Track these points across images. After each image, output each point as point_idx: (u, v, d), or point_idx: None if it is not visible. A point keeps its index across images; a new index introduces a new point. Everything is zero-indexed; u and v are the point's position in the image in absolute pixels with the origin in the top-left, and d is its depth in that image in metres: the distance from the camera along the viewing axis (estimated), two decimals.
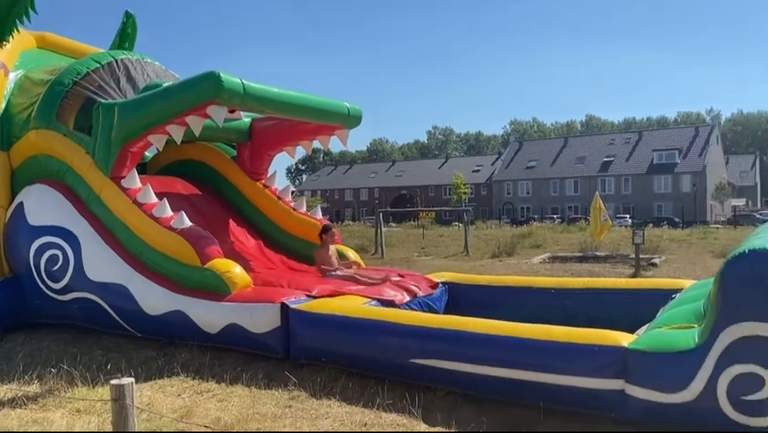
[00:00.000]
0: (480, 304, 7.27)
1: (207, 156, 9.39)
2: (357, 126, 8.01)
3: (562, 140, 77.03)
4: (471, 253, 21.11)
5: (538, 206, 66.31)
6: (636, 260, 14.52)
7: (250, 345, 6.23)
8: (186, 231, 6.86)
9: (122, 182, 7.21)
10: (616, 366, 4.31)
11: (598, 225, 18.46)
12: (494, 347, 4.80)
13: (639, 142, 67.75)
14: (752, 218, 43.71)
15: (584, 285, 7.16)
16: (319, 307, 6.00)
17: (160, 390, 5.44)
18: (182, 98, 6.65)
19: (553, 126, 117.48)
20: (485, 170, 75.97)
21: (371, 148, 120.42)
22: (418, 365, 5.13)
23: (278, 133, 8.63)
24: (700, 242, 22.19)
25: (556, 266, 15.98)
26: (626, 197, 63.24)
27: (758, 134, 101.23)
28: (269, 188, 9.12)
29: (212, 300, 6.43)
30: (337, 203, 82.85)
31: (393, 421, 4.53)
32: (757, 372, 3.77)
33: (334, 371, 5.62)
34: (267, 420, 4.60)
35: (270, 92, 6.71)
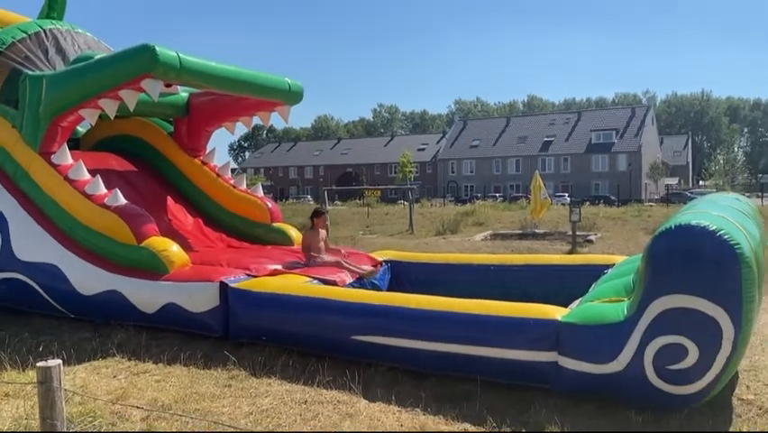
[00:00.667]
0: (422, 281, 7.35)
1: (143, 132, 9.10)
2: (298, 103, 7.90)
3: (504, 120, 78.17)
4: (416, 230, 21.27)
5: (481, 184, 67.28)
6: (573, 237, 14.93)
7: (188, 325, 6.14)
8: (120, 208, 6.66)
9: (52, 158, 6.94)
10: (549, 339, 4.43)
11: (537, 203, 18.86)
12: (432, 323, 4.87)
13: (578, 122, 69.38)
14: (683, 196, 45.47)
15: (522, 261, 7.33)
16: (259, 286, 5.94)
17: (95, 371, 5.30)
18: (115, 71, 6.42)
19: (497, 106, 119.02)
20: (430, 149, 76.42)
21: (316, 125, 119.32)
22: (359, 342, 5.16)
23: (216, 108, 8.44)
24: (634, 219, 22.97)
25: (497, 243, 16.28)
26: (566, 175, 64.86)
27: (691, 116, 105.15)
28: (208, 165, 8.93)
29: (149, 280, 6.30)
30: (281, 181, 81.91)
31: (333, 398, 4.55)
32: (682, 342, 3.94)
33: (275, 349, 5.59)
34: (205, 400, 4.55)
35: (208, 66, 6.54)
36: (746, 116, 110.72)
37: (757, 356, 5.44)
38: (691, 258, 3.83)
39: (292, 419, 4.20)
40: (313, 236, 7.36)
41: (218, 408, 4.42)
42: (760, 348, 5.69)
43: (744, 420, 4.07)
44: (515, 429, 3.94)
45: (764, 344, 5.85)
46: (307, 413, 4.29)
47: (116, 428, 4.02)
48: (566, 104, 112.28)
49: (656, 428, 3.92)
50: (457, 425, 4.06)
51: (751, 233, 4.15)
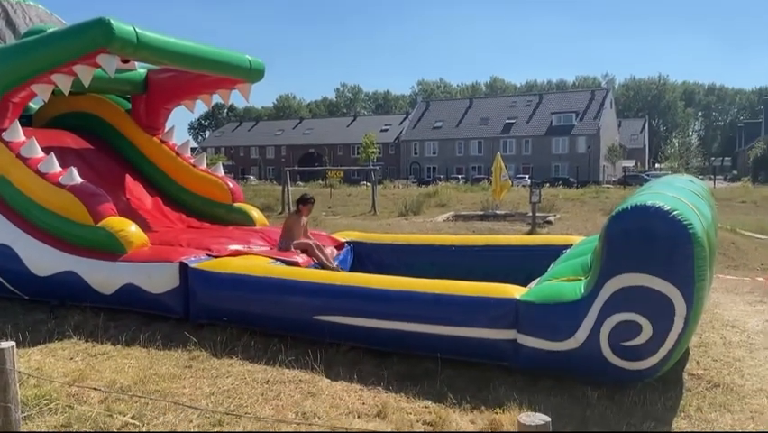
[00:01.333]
0: (384, 262, 7.39)
1: (100, 109, 8.85)
2: (259, 81, 7.78)
3: (467, 101, 78.37)
4: (379, 211, 21.31)
5: (444, 165, 67.55)
6: (533, 218, 15.15)
7: (147, 306, 6.05)
8: (76, 188, 6.49)
9: (3, 135, 6.72)
10: (509, 317, 4.51)
11: (498, 184, 19.07)
12: (394, 303, 4.90)
13: (540, 104, 70.04)
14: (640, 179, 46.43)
15: (483, 242, 7.42)
16: (220, 266, 5.88)
17: (51, 354, 5.20)
18: (69, 46, 6.21)
19: (460, 87, 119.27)
20: (393, 130, 76.26)
21: (278, 105, 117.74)
22: (321, 322, 5.17)
23: (175, 85, 8.25)
24: (593, 200, 23.41)
25: (459, 224, 16.43)
26: (527, 157, 65.58)
27: (648, 99, 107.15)
28: (167, 144, 8.75)
29: (106, 260, 6.17)
30: (242, 161, 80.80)
31: (295, 377, 4.55)
32: (636, 319, 4.05)
33: (236, 330, 5.56)
34: (165, 381, 4.51)
35: (166, 42, 6.38)
36: (701, 101, 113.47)
37: (707, 333, 5.65)
38: (646, 238, 3.93)
39: (254, 398, 4.20)
40: (295, 221, 7.32)
41: (178, 388, 4.38)
42: (710, 325, 5.90)
43: (693, 394, 4.23)
44: (474, 406, 4.01)
45: (714, 321, 6.07)
46: (269, 393, 4.30)
47: (74, 411, 3.95)
48: (528, 86, 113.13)
49: (611, 403, 4.04)
50: (418, 402, 4.12)
51: (704, 213, 4.28)
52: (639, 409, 3.95)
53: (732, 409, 4.01)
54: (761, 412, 3.95)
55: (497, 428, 3.67)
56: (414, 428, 3.77)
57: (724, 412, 3.96)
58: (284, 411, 3.98)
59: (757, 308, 6.70)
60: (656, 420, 3.82)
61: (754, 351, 5.17)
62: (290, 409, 4.02)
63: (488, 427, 3.70)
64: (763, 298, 7.27)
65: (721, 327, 5.87)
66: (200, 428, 3.69)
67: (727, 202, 23.17)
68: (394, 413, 3.93)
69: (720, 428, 3.75)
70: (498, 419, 3.75)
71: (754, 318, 6.23)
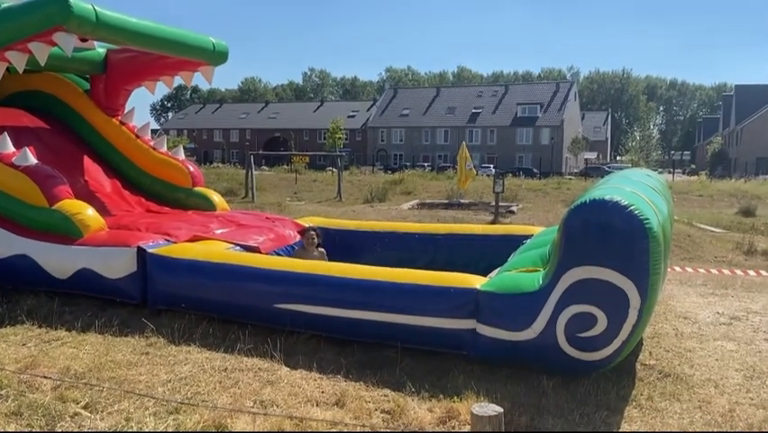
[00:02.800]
0: (348, 249, 7.36)
1: (57, 88, 8.59)
2: (223, 63, 7.63)
3: (434, 90, 78.57)
4: (344, 198, 21.27)
5: (410, 153, 67.73)
6: (496, 207, 15.31)
7: (104, 292, 5.93)
8: (30, 169, 6.31)
9: None
10: (468, 307, 4.55)
11: (463, 173, 19.20)
12: (354, 291, 4.90)
13: (505, 95, 70.63)
14: (601, 170, 47.34)
15: (446, 231, 7.46)
16: (179, 252, 5.79)
17: (2, 339, 5.06)
18: (24, 22, 5.99)
19: (427, 76, 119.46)
20: (360, 116, 76.03)
21: (243, 87, 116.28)
22: (281, 310, 5.14)
23: (136, 66, 8.04)
24: (555, 191, 23.78)
25: (424, 212, 16.51)
26: (491, 147, 66.18)
27: (611, 93, 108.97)
28: (127, 126, 8.55)
29: (61, 244, 6.02)
30: (206, 144, 79.62)
31: (254, 365, 4.52)
32: (591, 311, 4.12)
33: (195, 317, 5.49)
34: (121, 368, 4.43)
35: (127, 21, 6.21)
36: (663, 95, 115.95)
37: (660, 324, 5.80)
38: (603, 231, 3.99)
39: (211, 386, 4.15)
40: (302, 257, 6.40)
41: (135, 376, 4.31)
42: (663, 316, 6.06)
43: (645, 384, 4.34)
44: (432, 394, 4.05)
45: (667, 313, 6.23)
46: (227, 380, 4.26)
47: (25, 398, 3.86)
48: (494, 76, 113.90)
49: (565, 392, 4.12)
50: (377, 391, 4.13)
51: (660, 208, 4.37)
52: (593, 399, 4.04)
53: (681, 398, 4.13)
54: (708, 402, 4.08)
55: (454, 417, 3.70)
56: (372, 416, 3.78)
57: (673, 402, 4.07)
58: (242, 399, 3.95)
59: (709, 300, 6.90)
60: (609, 409, 3.90)
61: (704, 342, 5.32)
62: (248, 397, 3.99)
63: (445, 415, 3.74)
64: (715, 290, 7.49)
65: (674, 319, 6.03)
66: (156, 417, 3.64)
67: (685, 195, 23.80)
68: (353, 402, 3.93)
69: (670, 416, 3.86)
70: (455, 408, 3.78)
71: (705, 310, 6.41)
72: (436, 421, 3.71)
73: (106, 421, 3.61)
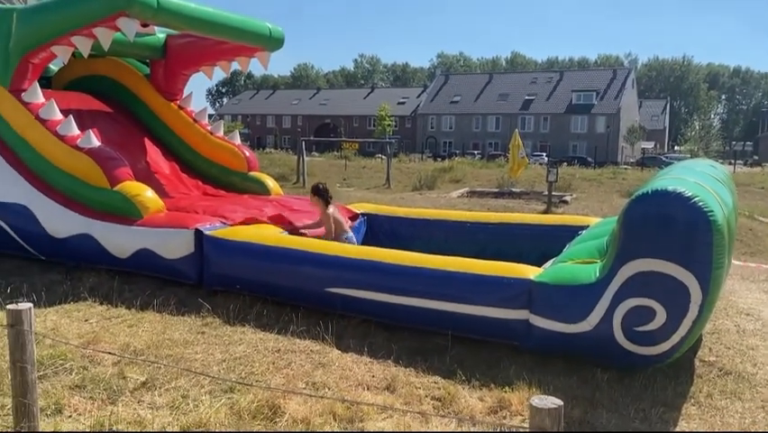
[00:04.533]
0: (397, 236, 7.38)
1: (118, 73, 8.84)
2: (279, 49, 7.72)
3: (487, 76, 77.53)
4: (393, 185, 21.27)
5: (460, 141, 67.12)
6: (549, 197, 15.05)
7: (162, 271, 6.10)
8: (93, 151, 6.51)
9: (22, 96, 6.73)
10: (522, 298, 4.49)
11: (515, 161, 18.91)
12: (407, 278, 4.89)
13: (560, 82, 69.15)
14: (658, 161, 45.95)
15: (498, 220, 7.36)
16: (234, 234, 5.90)
17: (66, 315, 5.27)
18: (89, 8, 6.17)
19: (480, 62, 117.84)
20: (410, 103, 75.72)
21: (296, 74, 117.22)
22: (333, 294, 5.18)
23: (194, 51, 8.21)
24: (610, 181, 23.20)
25: (473, 201, 16.36)
26: (544, 135, 65.01)
27: (670, 81, 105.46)
28: (185, 110, 8.74)
29: (122, 224, 6.21)
30: (259, 129, 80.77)
31: (306, 347, 4.59)
32: (650, 305, 4.01)
33: (249, 298, 5.60)
34: (178, 346, 4.56)
35: (187, 7, 6.32)
36: (725, 83, 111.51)
37: (721, 320, 5.60)
38: (666, 223, 3.88)
39: (265, 366, 4.23)
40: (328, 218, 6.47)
41: (191, 354, 4.43)
42: (724, 312, 5.85)
43: (704, 381, 4.21)
44: (483, 384, 4.02)
45: (729, 308, 6.02)
46: (280, 361, 4.33)
47: (88, 372, 4.01)
48: (549, 63, 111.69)
49: (620, 386, 4.03)
50: (427, 378, 4.14)
51: (724, 200, 4.21)
52: (649, 394, 3.95)
53: (743, 397, 3.99)
54: None
55: (506, 408, 3.68)
56: (423, 402, 3.79)
57: (734, 400, 3.94)
58: (294, 381, 4.01)
59: None
60: (665, 406, 3.81)
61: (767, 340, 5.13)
62: (300, 378, 4.05)
63: (497, 405, 3.71)
64: None
65: (736, 315, 5.82)
66: (211, 395, 3.73)
67: (747, 187, 22.88)
68: (403, 387, 3.95)
69: (731, 415, 3.74)
70: (507, 398, 3.75)
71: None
72: (487, 411, 3.69)
73: (164, 397, 3.72)
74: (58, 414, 3.49)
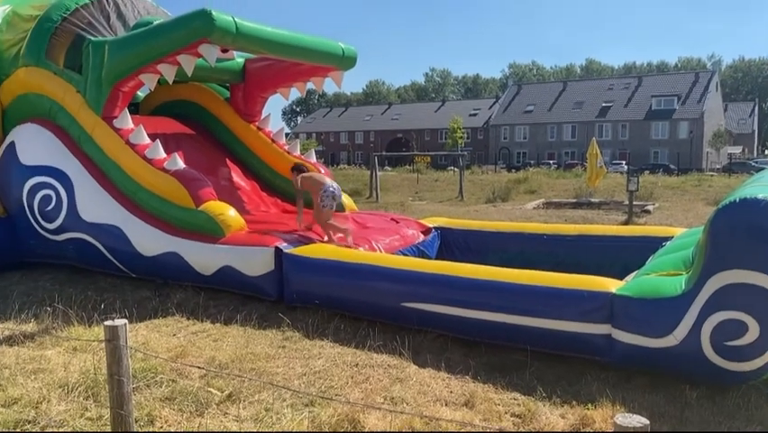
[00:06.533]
0: (472, 249, 7.34)
1: (200, 97, 9.26)
2: (352, 68, 7.88)
3: (560, 84, 76.03)
4: (466, 198, 21.15)
5: (535, 151, 66.03)
6: (630, 207, 14.57)
7: (244, 288, 6.30)
8: (179, 173, 6.82)
9: (114, 122, 7.13)
10: (603, 311, 4.38)
11: (593, 171, 18.44)
12: (484, 292, 4.87)
13: (638, 87, 66.94)
14: (746, 166, 43.70)
15: (576, 231, 7.21)
16: (312, 251, 6.03)
17: (156, 329, 5.51)
18: (173, 37, 6.51)
19: (553, 70, 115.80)
20: (482, 114, 75.21)
21: (367, 90, 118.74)
22: (409, 309, 5.21)
23: (271, 74, 8.49)
24: (695, 189, 22.22)
25: (550, 212, 16.05)
26: (623, 143, 62.97)
27: (759, 81, 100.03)
28: (263, 131, 9.04)
29: (206, 243, 6.45)
30: (332, 146, 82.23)
31: (384, 362, 4.62)
32: (741, 318, 3.83)
33: (327, 313, 5.71)
34: (260, 360, 4.69)
35: (263, 31, 6.56)
36: None
37: None
38: (755, 233, 3.71)
39: (344, 381, 4.29)
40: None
41: (273, 368, 4.55)
42: None
43: None
44: (565, 400, 3.94)
45: None
46: (359, 376, 4.38)
47: (177, 384, 4.19)
48: (626, 68, 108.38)
49: (711, 404, 3.85)
50: (506, 394, 4.08)
51: None
52: (742, 413, 3.75)
53: None
54: None
55: (588, 425, 3.58)
56: (502, 419, 3.75)
57: None
58: (373, 395, 4.05)
59: None
60: (762, 425, 3.60)
61: None
62: (379, 393, 4.09)
63: (579, 423, 3.62)
64: None
65: None
66: (293, 408, 3.82)
67: None
68: (482, 403, 3.91)
69: None
70: (589, 415, 3.66)
71: None
72: (569, 428, 3.61)
73: (248, 410, 3.83)
74: (150, 425, 3.66)
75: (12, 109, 7.80)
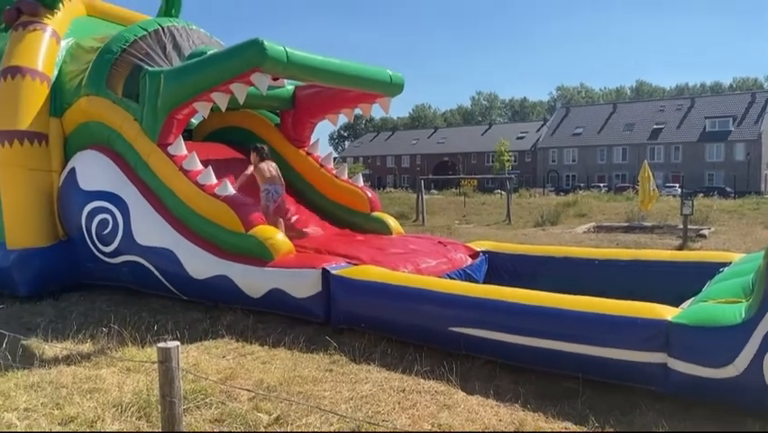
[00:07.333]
0: (520, 274, 7.24)
1: (251, 123, 9.49)
2: (399, 94, 7.96)
3: (610, 106, 74.89)
4: (514, 221, 20.92)
5: (584, 174, 65.01)
6: (684, 231, 14.15)
7: (292, 310, 6.35)
8: (230, 198, 6.97)
9: (168, 149, 7.34)
10: (658, 340, 4.24)
11: (646, 194, 18.01)
12: (534, 318, 4.78)
13: (691, 108, 65.40)
14: None
15: (629, 256, 7.03)
16: (359, 273, 6.05)
17: (206, 351, 5.60)
18: (227, 66, 6.69)
19: (602, 92, 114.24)
20: (530, 137, 74.62)
21: (414, 114, 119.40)
22: (457, 334, 5.15)
23: (321, 100, 8.65)
24: (752, 213, 21.43)
25: (601, 236, 15.71)
26: (676, 165, 61.41)
27: None
28: (312, 156, 9.19)
29: (255, 266, 6.55)
30: (379, 170, 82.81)
31: (431, 388, 4.57)
32: None
33: (374, 336, 5.69)
34: (308, 383, 4.70)
35: (313, 60, 6.70)
36: None
37: None
38: None
39: (391, 406, 4.26)
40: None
41: (320, 391, 4.55)
42: None
43: None
44: (618, 430, 3.81)
45: None
46: (406, 402, 4.35)
47: (226, 406, 4.24)
48: (678, 89, 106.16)
49: None
50: (557, 423, 3.99)
51: None
52: None
53: None
54: None
55: None
56: None
57: None
58: (420, 422, 4.01)
59: None
60: None
61: None
62: (426, 420, 4.04)
63: None
64: None
65: None
66: None
67: None
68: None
69: None
70: None
71: None
72: None
73: None
74: None
75: (73, 137, 8.13)
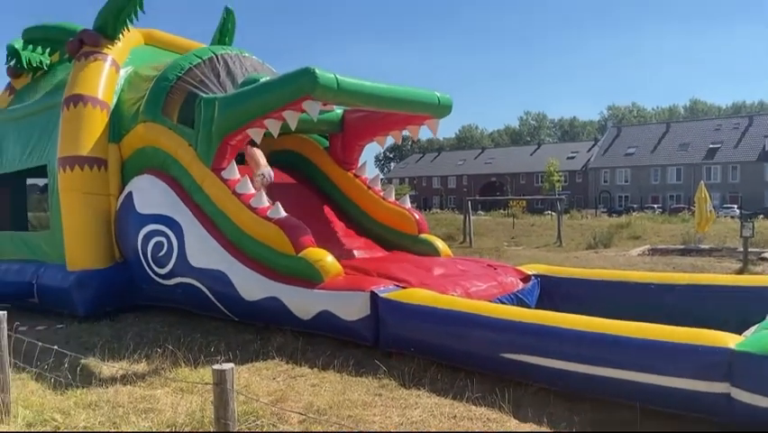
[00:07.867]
0: (574, 298, 7.09)
1: (301, 147, 9.65)
2: (447, 115, 7.97)
3: (663, 125, 73.22)
4: (565, 243, 20.56)
5: (637, 194, 63.55)
6: (745, 254, 13.64)
7: (341, 332, 6.36)
8: (281, 221, 7.07)
9: (222, 173, 7.51)
10: (721, 368, 4.08)
11: (703, 215, 17.48)
12: (589, 345, 4.65)
13: (749, 127, 63.38)
14: None
15: (687, 280, 6.81)
16: (408, 297, 6.03)
17: (257, 372, 5.65)
18: (279, 94, 6.84)
19: (655, 111, 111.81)
20: (580, 157, 73.50)
21: (460, 135, 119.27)
22: (509, 360, 5.06)
23: (369, 123, 8.74)
24: None
25: (656, 259, 15.28)
26: (734, 185, 59.45)
27: None
28: (360, 178, 9.27)
29: (305, 288, 6.59)
30: (425, 190, 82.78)
31: (483, 415, 4.50)
32: None
33: (423, 361, 5.64)
34: (357, 407, 4.68)
35: (363, 86, 6.78)
36: None
37: None
38: None
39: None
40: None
41: (369, 416, 4.52)
42: None
43: None
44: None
45: None
46: (457, 428, 4.28)
47: (276, 428, 4.26)
48: (734, 108, 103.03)
49: None
50: None
51: None
52: None
53: None
54: None
55: None
56: None
57: None
58: None
59: None
60: None
61: None
62: None
63: None
64: None
65: None
66: None
67: None
68: None
69: None
70: None
71: None
72: None
73: None
74: None
75: (130, 162, 8.41)
